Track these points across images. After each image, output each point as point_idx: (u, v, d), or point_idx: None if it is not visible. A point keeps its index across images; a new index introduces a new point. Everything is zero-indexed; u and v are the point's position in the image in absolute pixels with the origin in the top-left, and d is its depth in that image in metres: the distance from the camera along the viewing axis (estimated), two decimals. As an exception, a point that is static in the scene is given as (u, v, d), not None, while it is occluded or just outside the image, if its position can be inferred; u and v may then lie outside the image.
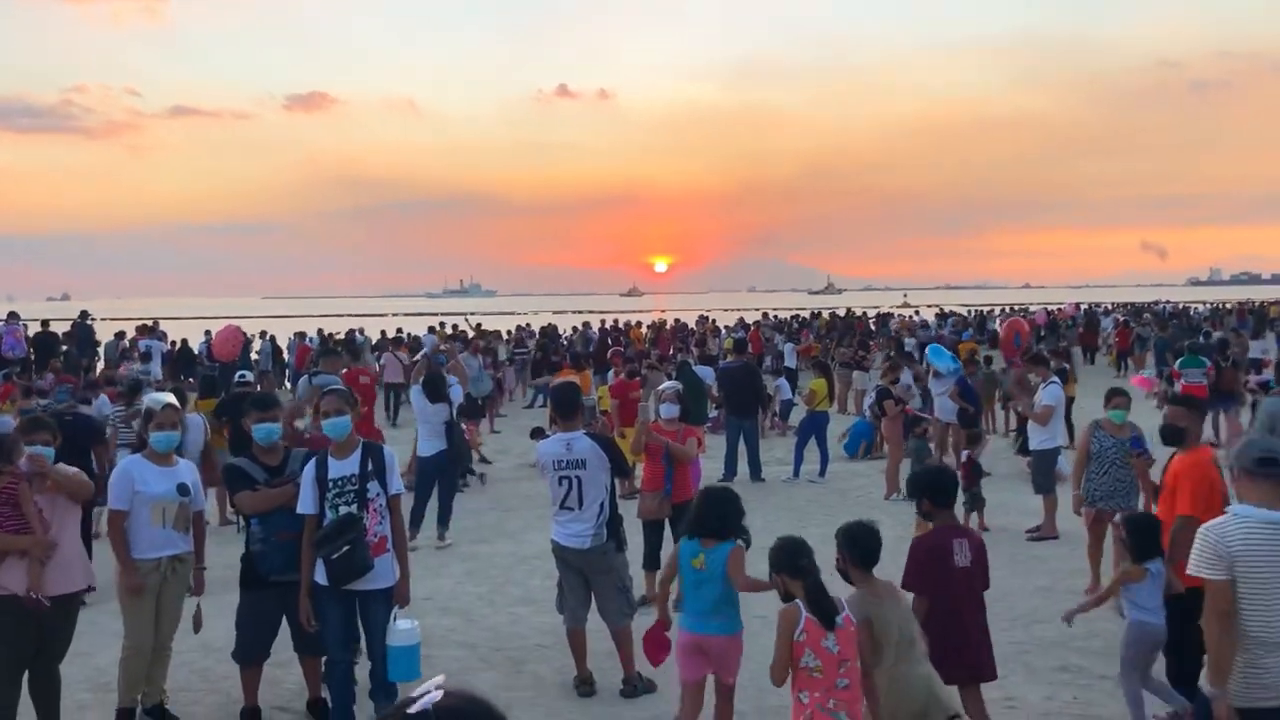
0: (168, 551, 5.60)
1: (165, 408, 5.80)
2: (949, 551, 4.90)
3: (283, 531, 5.47)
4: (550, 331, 31.08)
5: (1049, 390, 10.47)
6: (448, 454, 10.30)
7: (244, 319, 35.98)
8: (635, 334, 31.62)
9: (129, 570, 5.54)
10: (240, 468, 5.70)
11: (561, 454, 6.23)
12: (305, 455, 5.73)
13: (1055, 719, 5.75)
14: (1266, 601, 3.82)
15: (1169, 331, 29.67)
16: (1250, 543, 3.82)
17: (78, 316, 25.16)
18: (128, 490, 5.54)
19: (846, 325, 35.96)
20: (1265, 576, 3.82)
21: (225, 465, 5.83)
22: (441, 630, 7.29)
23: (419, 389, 10.47)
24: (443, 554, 9.79)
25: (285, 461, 5.74)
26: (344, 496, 5.30)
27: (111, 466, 6.85)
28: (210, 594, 5.87)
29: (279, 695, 6.07)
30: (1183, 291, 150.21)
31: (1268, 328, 33.84)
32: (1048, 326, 35.35)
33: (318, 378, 10.72)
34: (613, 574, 6.28)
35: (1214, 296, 78.37)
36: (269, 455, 5.75)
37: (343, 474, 5.34)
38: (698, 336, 29.87)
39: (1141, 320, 35.18)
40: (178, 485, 5.64)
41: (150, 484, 5.59)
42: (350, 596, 5.33)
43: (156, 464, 5.68)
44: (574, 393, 6.83)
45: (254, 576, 5.57)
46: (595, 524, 6.17)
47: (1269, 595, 3.81)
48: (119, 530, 5.53)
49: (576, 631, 6.27)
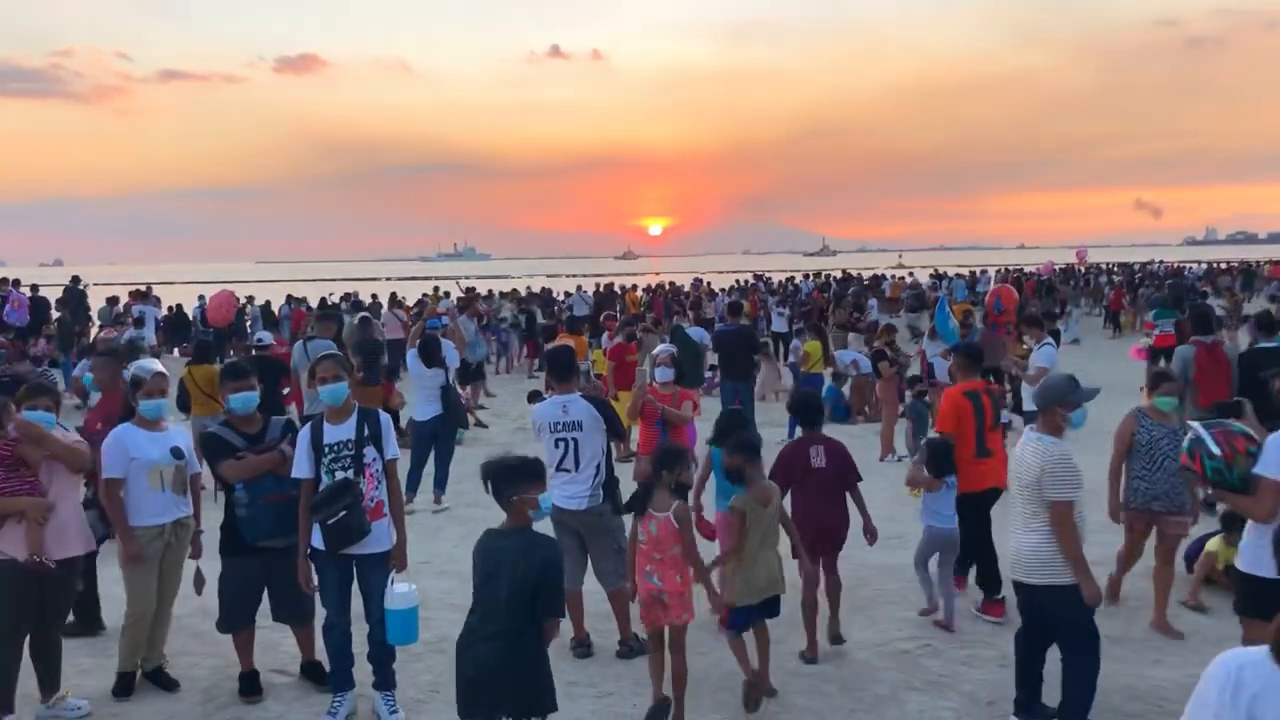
0: (170, 516, 5.65)
1: (154, 375, 5.79)
2: (807, 456, 6.39)
3: (270, 494, 5.47)
4: (545, 295, 31.07)
5: (1043, 351, 10.48)
6: (443, 418, 10.34)
7: (237, 284, 35.89)
8: (631, 297, 31.59)
9: (128, 539, 5.55)
10: (220, 436, 5.64)
11: (558, 416, 6.26)
12: (285, 423, 5.78)
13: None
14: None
15: (1164, 292, 29.74)
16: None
17: (70, 282, 25.07)
18: (123, 458, 5.55)
19: (843, 288, 35.95)
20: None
21: (204, 434, 5.77)
22: (439, 593, 7.34)
23: (415, 353, 10.50)
24: (440, 517, 9.83)
25: (265, 429, 5.72)
26: (340, 461, 5.30)
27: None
28: (207, 557, 5.89)
29: (277, 659, 6.14)
30: (1179, 251, 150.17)
31: (1258, 287, 33.95)
32: (1044, 287, 35.39)
33: (312, 343, 10.72)
34: (609, 535, 6.32)
35: (1210, 256, 78.32)
36: (247, 424, 5.72)
37: (339, 439, 5.34)
38: (692, 299, 29.85)
39: (1140, 283, 35.29)
40: (171, 449, 5.68)
41: (144, 450, 5.61)
42: (347, 561, 5.36)
43: (147, 430, 5.71)
44: (569, 356, 6.84)
45: (236, 544, 5.54)
46: (591, 485, 6.22)
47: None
48: (116, 499, 5.54)
49: (573, 593, 6.31)
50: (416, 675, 5.96)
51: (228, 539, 5.59)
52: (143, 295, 25.85)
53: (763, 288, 37.51)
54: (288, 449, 5.56)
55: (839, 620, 6.50)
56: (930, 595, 6.94)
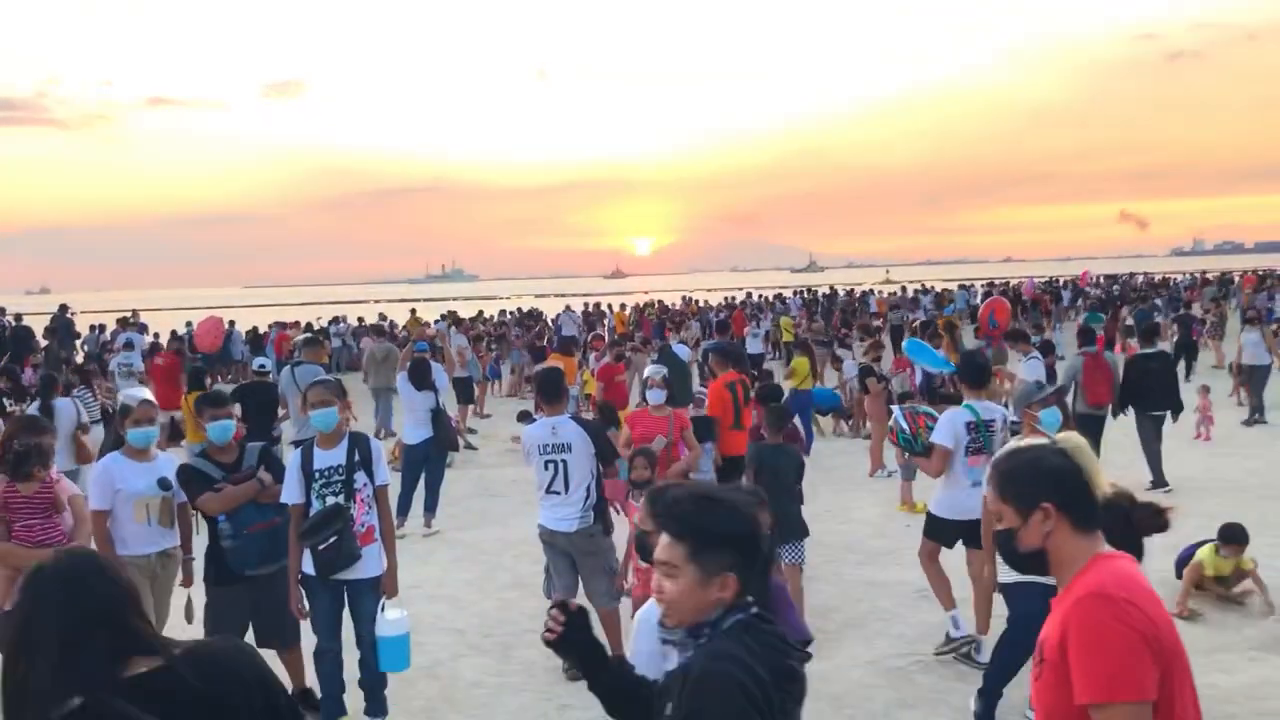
0: (154, 548, 5.56)
1: (142, 403, 5.71)
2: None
3: (253, 524, 5.42)
4: (535, 315, 31.09)
5: (1029, 364, 10.55)
6: (434, 441, 10.32)
7: (226, 309, 35.81)
8: (620, 317, 31.62)
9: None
10: (196, 468, 5.58)
11: (547, 438, 6.26)
12: (261, 449, 5.72)
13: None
14: None
15: (1149, 303, 30.03)
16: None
17: (57, 310, 24.99)
18: (109, 489, 5.47)
19: (830, 304, 36.01)
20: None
21: (180, 467, 5.67)
22: (430, 617, 7.32)
23: (404, 376, 10.49)
24: (430, 541, 9.81)
25: (241, 457, 5.66)
26: (331, 487, 5.30)
27: None
28: (195, 585, 5.84)
29: None
30: (1165, 262, 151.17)
31: (1232, 296, 34.27)
32: (1026, 305, 35.56)
33: (300, 368, 10.70)
34: (599, 556, 6.32)
35: (1197, 266, 78.87)
36: (224, 453, 5.67)
37: (329, 464, 5.33)
38: (679, 319, 29.87)
39: (1120, 298, 35.54)
40: (159, 480, 5.57)
41: (130, 481, 5.52)
42: (338, 586, 5.34)
43: (135, 460, 5.62)
44: (559, 378, 6.85)
45: (223, 574, 5.47)
46: (582, 507, 6.22)
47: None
48: (103, 531, 5.46)
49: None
50: (409, 701, 5.93)
51: (215, 569, 5.52)
52: (129, 322, 25.77)
53: (751, 305, 37.54)
54: (265, 476, 5.51)
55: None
56: None
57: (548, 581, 6.42)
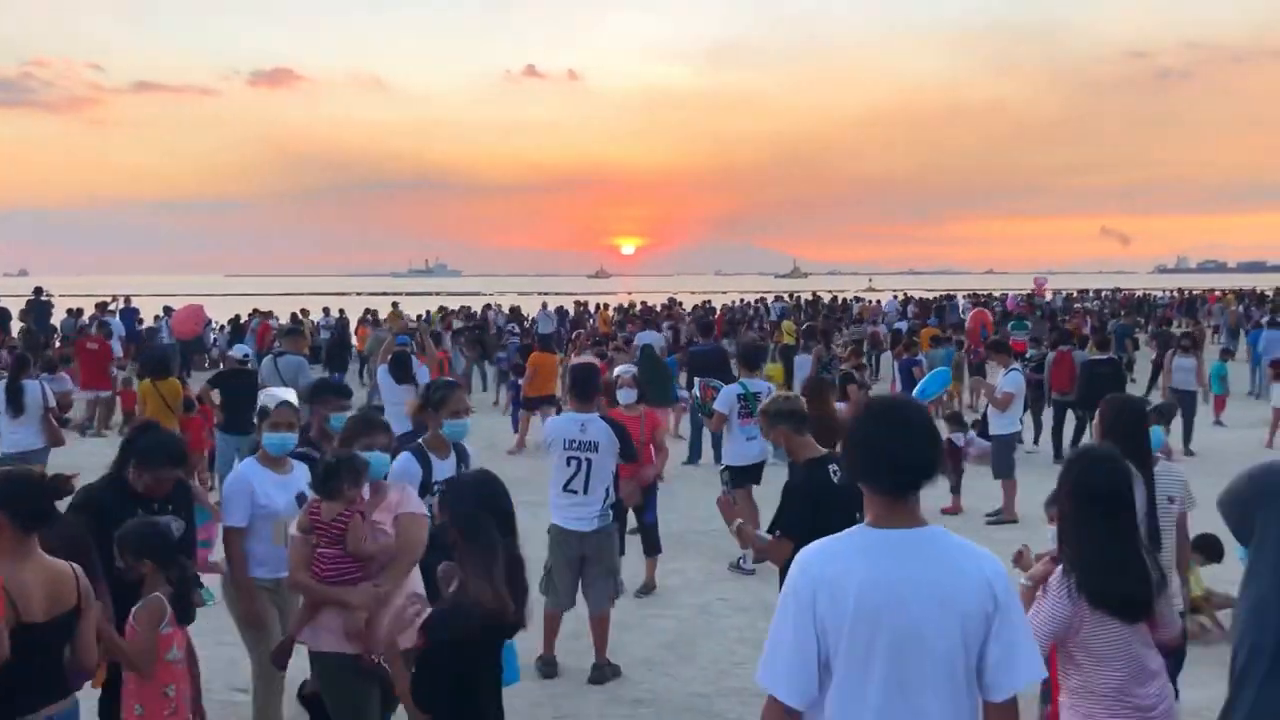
0: (283, 572, 4.61)
1: (281, 405, 5.02)
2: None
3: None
4: (515, 314, 30.99)
5: (1009, 377, 10.58)
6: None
7: (205, 297, 35.55)
8: (603, 316, 31.57)
9: (250, 596, 4.76)
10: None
11: (575, 434, 6.13)
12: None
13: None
14: None
15: (1131, 318, 30.30)
16: None
17: (33, 294, 24.70)
18: (247, 504, 4.76)
19: (813, 310, 36.05)
20: None
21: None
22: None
23: (385, 369, 10.41)
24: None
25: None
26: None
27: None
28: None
29: (237, 677, 5.80)
30: (1148, 279, 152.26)
31: (1201, 313, 34.57)
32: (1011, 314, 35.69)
33: (283, 359, 10.63)
34: (610, 557, 6.29)
35: (1179, 284, 79.53)
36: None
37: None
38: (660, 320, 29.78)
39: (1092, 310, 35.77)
40: (296, 496, 4.83)
41: (273, 497, 4.82)
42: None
43: (273, 470, 4.91)
44: (593, 374, 6.74)
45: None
46: (601, 506, 6.16)
47: None
48: (240, 553, 4.76)
49: (557, 615, 6.24)
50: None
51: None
52: (106, 308, 25.49)
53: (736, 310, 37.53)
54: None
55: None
56: None
57: (546, 579, 6.21)
